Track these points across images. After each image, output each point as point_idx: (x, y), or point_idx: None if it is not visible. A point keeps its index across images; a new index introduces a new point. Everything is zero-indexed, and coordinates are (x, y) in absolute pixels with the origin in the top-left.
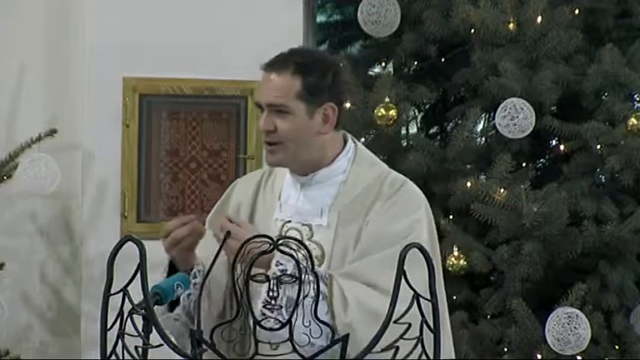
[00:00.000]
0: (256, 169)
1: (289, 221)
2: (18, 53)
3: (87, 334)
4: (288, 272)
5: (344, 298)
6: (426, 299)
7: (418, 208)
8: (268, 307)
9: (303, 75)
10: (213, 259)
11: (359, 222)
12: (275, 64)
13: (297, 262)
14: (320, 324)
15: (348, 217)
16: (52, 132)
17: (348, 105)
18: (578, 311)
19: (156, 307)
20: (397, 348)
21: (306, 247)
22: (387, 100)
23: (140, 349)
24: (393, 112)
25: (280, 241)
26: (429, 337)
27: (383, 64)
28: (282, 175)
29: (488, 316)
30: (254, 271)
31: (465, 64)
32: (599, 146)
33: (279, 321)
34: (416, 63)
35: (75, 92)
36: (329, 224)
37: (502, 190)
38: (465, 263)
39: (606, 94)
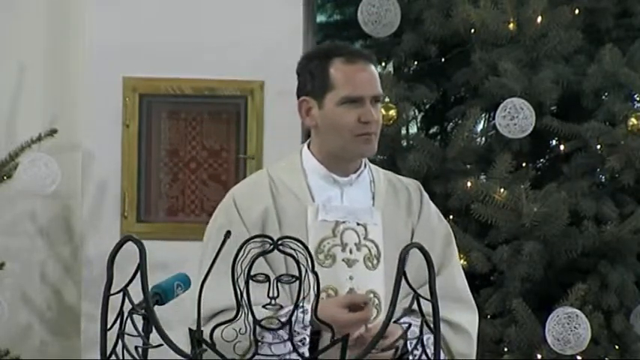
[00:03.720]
0: (257, 170)
1: (344, 222)
2: (18, 53)
3: (87, 334)
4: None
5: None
6: (426, 299)
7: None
8: (268, 307)
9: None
10: (213, 259)
11: (401, 221)
12: (363, 55)
13: (298, 261)
14: (320, 323)
15: (391, 215)
16: (52, 132)
17: None
18: (578, 311)
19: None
20: (397, 348)
21: (306, 247)
22: (387, 100)
23: (140, 349)
24: (393, 112)
25: (280, 242)
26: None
27: (383, 64)
28: (296, 178)
29: (489, 316)
30: (254, 271)
31: (465, 64)
32: (599, 146)
33: (279, 321)
34: (416, 63)
35: (75, 92)
36: (378, 223)
37: (502, 190)
38: (465, 263)
39: (606, 94)
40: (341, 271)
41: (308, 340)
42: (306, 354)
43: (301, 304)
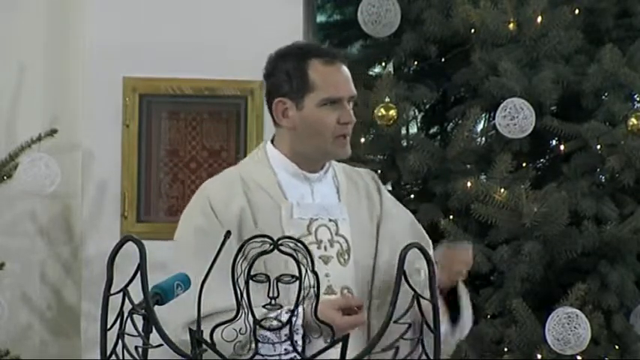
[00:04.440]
0: None
1: (317, 219)
2: (18, 53)
3: (87, 334)
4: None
5: None
6: (426, 299)
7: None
8: (268, 307)
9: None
10: (213, 260)
11: (365, 213)
12: (339, 56)
13: (297, 261)
14: (320, 324)
15: (355, 208)
16: (52, 132)
17: None
18: (578, 311)
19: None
20: (397, 348)
21: (305, 247)
22: (387, 100)
23: (140, 349)
24: (393, 112)
25: (280, 241)
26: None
27: (383, 64)
28: (266, 176)
29: (488, 316)
30: (254, 270)
31: (465, 64)
32: (599, 146)
33: (279, 321)
34: (416, 63)
35: (75, 92)
36: (346, 218)
37: (502, 190)
38: None
39: (606, 94)
40: (319, 269)
41: (300, 343)
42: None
43: (254, 316)
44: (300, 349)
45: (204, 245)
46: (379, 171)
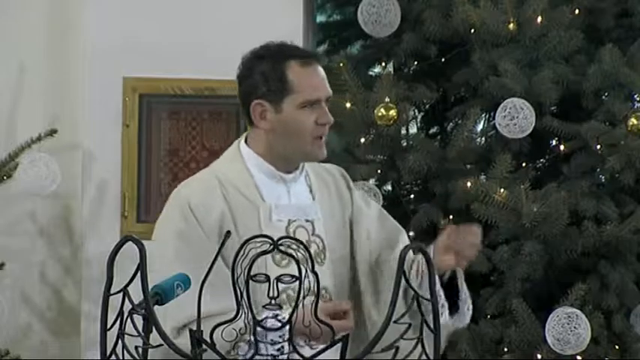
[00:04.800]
0: None
1: (295, 220)
2: (18, 53)
3: (87, 334)
4: None
5: None
6: (426, 299)
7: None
8: (268, 307)
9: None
10: (213, 260)
11: (337, 212)
12: (315, 56)
13: (298, 261)
14: (320, 324)
15: (327, 207)
16: (52, 132)
17: None
18: (578, 311)
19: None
20: (397, 348)
21: (305, 247)
22: (387, 100)
23: (140, 349)
24: (393, 112)
25: (280, 241)
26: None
27: (383, 64)
28: (243, 178)
29: (488, 316)
30: (254, 271)
31: (465, 64)
32: (599, 146)
33: (279, 321)
34: (416, 63)
35: (75, 92)
36: (321, 218)
37: (502, 190)
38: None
39: (606, 94)
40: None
41: (286, 349)
42: None
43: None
44: (286, 356)
45: (184, 250)
46: (379, 171)
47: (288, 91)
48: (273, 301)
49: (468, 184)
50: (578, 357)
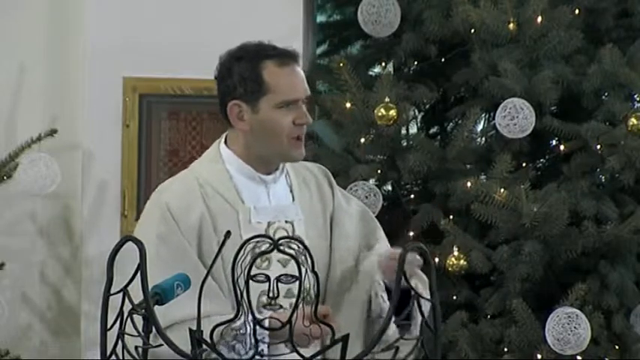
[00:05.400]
0: None
1: (274, 222)
2: (18, 53)
3: (87, 334)
4: None
5: None
6: (426, 299)
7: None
8: (268, 307)
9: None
10: (213, 260)
11: (318, 211)
12: (292, 56)
13: (298, 262)
14: (320, 324)
15: (308, 207)
16: (52, 132)
17: None
18: (578, 311)
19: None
20: (397, 348)
21: (305, 247)
22: (387, 100)
23: (140, 349)
24: (393, 112)
25: (280, 241)
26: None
27: (383, 64)
28: (223, 181)
29: (489, 316)
30: (254, 271)
31: (465, 64)
32: (599, 146)
33: (279, 321)
34: (416, 63)
35: (75, 92)
36: (301, 218)
37: (502, 190)
38: (465, 263)
39: (606, 94)
40: (277, 272)
41: (266, 350)
42: None
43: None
44: (267, 358)
45: (163, 253)
46: (379, 171)
47: (264, 92)
48: (273, 301)
49: (468, 184)
50: (578, 357)
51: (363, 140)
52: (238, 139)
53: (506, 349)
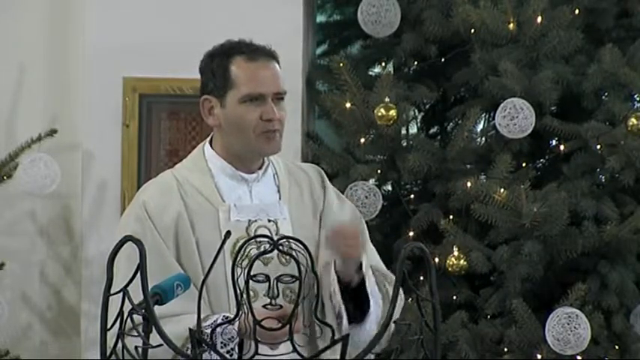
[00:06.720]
0: None
1: (256, 220)
2: (18, 53)
3: (87, 334)
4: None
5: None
6: (426, 299)
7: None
8: (269, 307)
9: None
10: (213, 260)
11: (307, 211)
12: (265, 52)
13: (298, 262)
14: (320, 324)
15: (296, 207)
16: (52, 132)
17: None
18: (578, 311)
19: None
20: (397, 348)
21: (305, 247)
22: (387, 100)
23: (140, 349)
24: (393, 112)
25: (280, 241)
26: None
27: (383, 64)
28: (203, 179)
29: (489, 316)
30: (254, 271)
31: (465, 64)
32: (599, 146)
33: (280, 321)
34: (416, 63)
35: (75, 92)
36: (287, 217)
37: (502, 190)
38: (465, 263)
39: (606, 94)
40: (257, 270)
41: (237, 350)
42: None
43: (226, 316)
44: (236, 356)
45: (135, 252)
46: (379, 171)
47: (230, 86)
48: (273, 301)
49: (468, 184)
50: (578, 357)
51: (363, 140)
52: (217, 137)
53: (506, 349)
